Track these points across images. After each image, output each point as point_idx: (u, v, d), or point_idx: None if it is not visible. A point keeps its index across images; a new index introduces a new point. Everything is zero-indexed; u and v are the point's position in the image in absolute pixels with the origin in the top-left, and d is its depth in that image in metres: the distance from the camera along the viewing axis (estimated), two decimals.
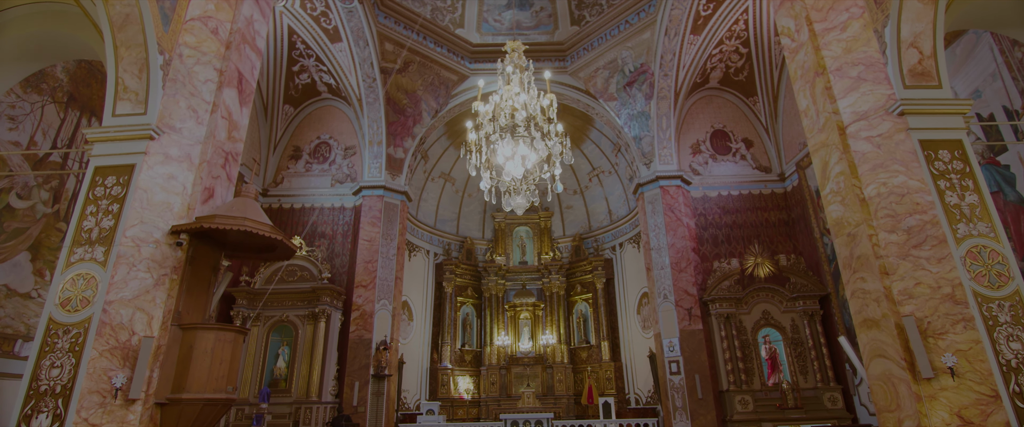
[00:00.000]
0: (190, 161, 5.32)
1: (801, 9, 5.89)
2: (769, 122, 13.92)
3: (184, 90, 5.48)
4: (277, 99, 14.20)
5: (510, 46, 5.18)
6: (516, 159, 4.58)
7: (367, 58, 13.28)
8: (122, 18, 5.15)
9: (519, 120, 4.48)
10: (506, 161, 4.62)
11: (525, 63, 5.12)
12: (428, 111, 14.70)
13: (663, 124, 13.61)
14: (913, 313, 4.52)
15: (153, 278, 4.78)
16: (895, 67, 5.09)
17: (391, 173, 13.86)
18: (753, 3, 12.35)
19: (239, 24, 6.05)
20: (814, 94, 5.67)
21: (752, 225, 13.14)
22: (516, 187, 4.73)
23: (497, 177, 4.88)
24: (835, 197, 5.36)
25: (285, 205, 13.69)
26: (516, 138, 4.52)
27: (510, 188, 4.79)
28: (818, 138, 5.65)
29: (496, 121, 4.67)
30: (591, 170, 17.55)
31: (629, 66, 13.98)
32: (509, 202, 4.89)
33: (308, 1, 12.21)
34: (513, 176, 4.67)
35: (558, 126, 4.84)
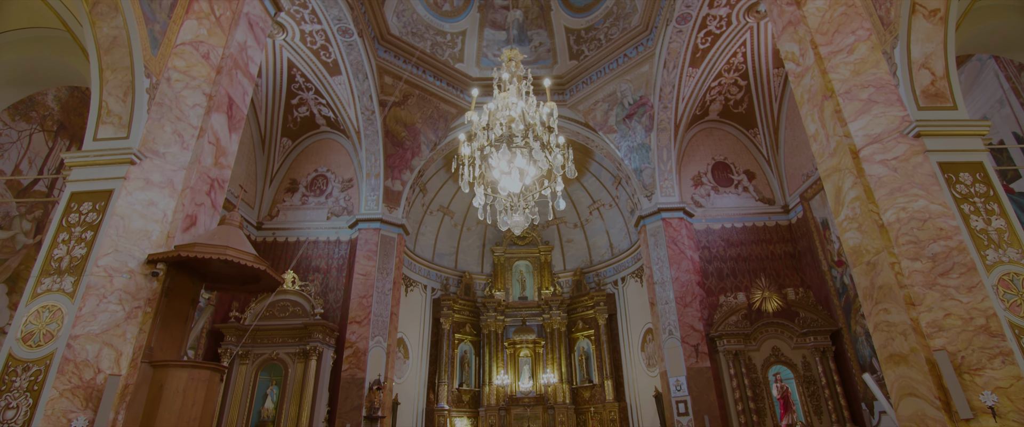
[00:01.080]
0: (173, 187, 5.07)
1: (805, 33, 5.77)
2: (770, 154, 13.79)
3: (170, 114, 5.28)
4: (275, 132, 14.12)
5: (507, 55, 4.98)
6: (513, 173, 4.31)
7: (366, 91, 13.26)
8: (109, 41, 5.00)
9: (516, 130, 4.24)
10: (502, 176, 4.36)
11: (523, 72, 4.92)
12: (427, 144, 14.59)
13: (664, 156, 13.48)
14: (945, 347, 4.18)
15: (125, 311, 4.45)
16: (907, 88, 4.92)
17: (388, 206, 13.63)
18: (750, 36, 12.41)
19: (232, 49, 5.92)
20: (823, 118, 5.48)
21: (758, 258, 12.81)
22: (513, 204, 4.42)
23: (492, 194, 4.59)
24: (851, 224, 5.08)
25: (279, 238, 13.39)
26: (513, 149, 4.26)
27: (507, 205, 4.49)
28: (829, 163, 5.43)
29: (491, 130, 4.42)
30: (591, 203, 17.34)
31: (628, 99, 13.97)
32: (506, 221, 4.57)
33: (308, 35, 12.26)
34: (510, 192, 4.38)
35: (560, 138, 4.57)
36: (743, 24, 12.02)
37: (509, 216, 4.48)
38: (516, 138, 4.28)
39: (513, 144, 4.32)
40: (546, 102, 4.58)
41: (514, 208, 4.45)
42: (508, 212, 4.49)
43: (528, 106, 4.53)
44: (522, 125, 4.30)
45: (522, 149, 4.35)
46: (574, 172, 4.43)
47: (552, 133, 4.47)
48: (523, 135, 4.29)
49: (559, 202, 4.41)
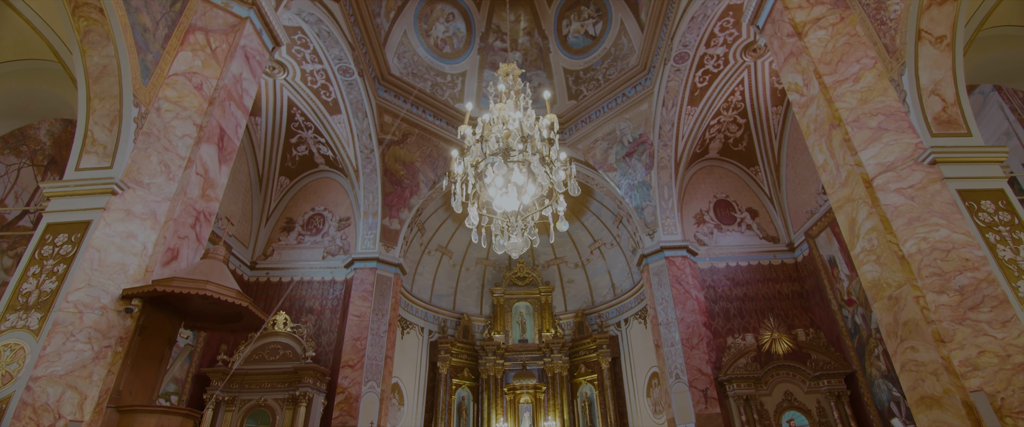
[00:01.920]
0: (155, 219, 4.84)
1: (808, 64, 5.69)
2: (772, 191, 13.64)
3: (157, 144, 5.12)
4: (273, 171, 14.03)
5: (504, 69, 4.82)
6: (511, 191, 4.05)
7: (365, 130, 13.24)
8: (99, 69, 4.89)
9: (513, 143, 4.01)
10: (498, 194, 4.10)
11: (521, 86, 4.75)
12: (425, 182, 14.47)
13: (665, 194, 13.32)
14: (982, 388, 3.83)
15: (93, 350, 4.12)
16: (918, 115, 4.77)
17: (385, 245, 13.36)
18: (748, 75, 12.49)
19: (226, 81, 5.83)
20: (831, 147, 5.31)
21: (764, 297, 12.44)
22: (511, 224, 4.14)
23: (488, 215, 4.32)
24: (868, 256, 4.82)
25: (273, 278, 13.05)
26: (509, 163, 4.03)
27: (503, 227, 4.21)
28: (841, 193, 5.22)
29: (485, 142, 4.19)
30: (592, 242, 17.07)
31: (628, 137, 13.95)
32: (502, 244, 4.28)
33: (309, 75, 12.34)
34: (506, 211, 4.11)
35: (561, 154, 4.33)
36: (740, 63, 12.12)
37: (506, 238, 4.19)
38: (513, 152, 4.05)
39: (510, 158, 4.09)
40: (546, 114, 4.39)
41: (511, 229, 4.16)
42: (505, 234, 4.20)
43: (526, 119, 4.32)
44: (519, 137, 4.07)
45: (520, 164, 4.12)
46: (577, 189, 4.18)
47: (553, 146, 4.24)
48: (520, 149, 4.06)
49: (561, 222, 4.14)
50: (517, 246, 4.16)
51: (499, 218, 4.22)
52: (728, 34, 11.46)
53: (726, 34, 11.49)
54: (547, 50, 16.17)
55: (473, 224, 4.20)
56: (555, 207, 4.20)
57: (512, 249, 4.16)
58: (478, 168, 4.25)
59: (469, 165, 4.14)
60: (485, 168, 4.30)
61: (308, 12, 10.10)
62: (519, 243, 4.17)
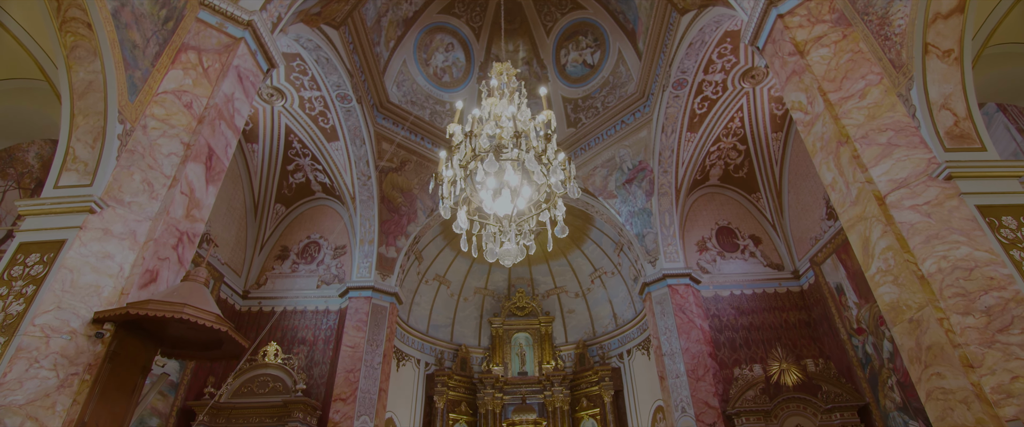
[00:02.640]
0: (134, 239, 4.61)
1: (811, 81, 5.57)
2: (775, 218, 13.45)
3: (142, 162, 4.93)
4: (269, 198, 13.86)
5: (499, 69, 4.64)
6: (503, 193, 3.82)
7: (363, 156, 13.14)
8: (84, 85, 4.76)
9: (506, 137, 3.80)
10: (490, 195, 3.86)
11: (516, 85, 4.56)
12: (423, 209, 14.28)
13: (666, 220, 13.12)
14: (1019, 416, 3.53)
15: (58, 378, 3.83)
16: (929, 130, 4.61)
17: (382, 273, 13.07)
18: (747, 101, 12.48)
19: (217, 100, 5.70)
20: (840, 165, 5.13)
21: (771, 327, 12.07)
22: (503, 229, 3.87)
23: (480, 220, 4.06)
24: (885, 277, 4.57)
25: (265, 308, 12.70)
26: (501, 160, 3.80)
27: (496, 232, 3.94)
28: (852, 212, 5.01)
29: (475, 138, 3.97)
30: (593, 271, 16.76)
31: (627, 164, 13.85)
32: (494, 251, 4.00)
33: (307, 101, 12.31)
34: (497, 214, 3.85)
35: (560, 154, 4.11)
36: (739, 89, 12.11)
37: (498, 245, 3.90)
38: (506, 148, 3.84)
39: (503, 155, 3.88)
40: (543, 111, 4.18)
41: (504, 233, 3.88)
42: (496, 240, 3.93)
43: (521, 114, 4.12)
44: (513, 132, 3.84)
45: (513, 161, 3.90)
46: (578, 192, 3.95)
47: (549, 142, 4.01)
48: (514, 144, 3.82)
49: (560, 228, 3.89)
50: (511, 253, 3.88)
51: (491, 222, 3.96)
52: (726, 60, 11.48)
53: (724, 61, 11.51)
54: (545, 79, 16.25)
55: (462, 228, 3.94)
56: (553, 213, 3.95)
57: (505, 257, 3.89)
58: (468, 168, 4.02)
59: (457, 166, 3.92)
60: (475, 168, 4.06)
61: (306, 38, 10.11)
62: (513, 250, 3.88)
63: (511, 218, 3.79)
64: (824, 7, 5.85)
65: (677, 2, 10.61)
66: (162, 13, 5.43)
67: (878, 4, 5.05)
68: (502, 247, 3.74)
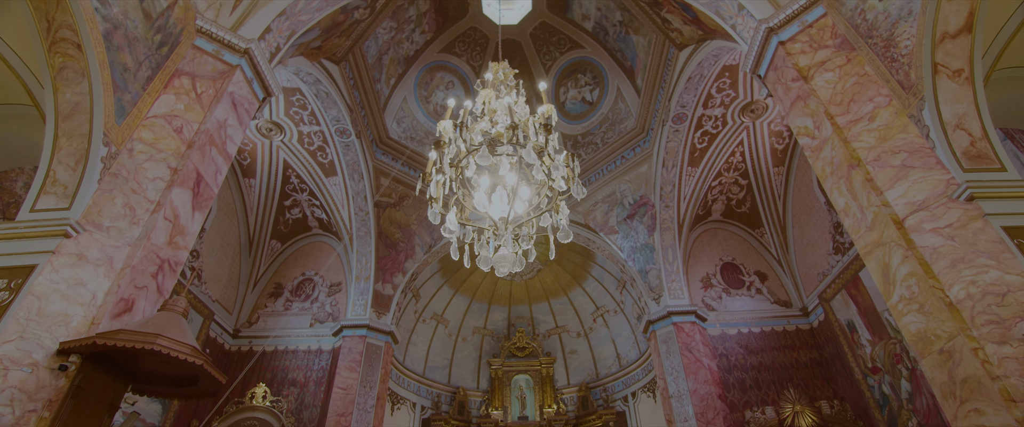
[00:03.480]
0: (110, 265, 4.34)
1: (817, 106, 5.45)
2: (780, 254, 13.17)
3: (125, 186, 4.73)
4: (265, 234, 13.62)
5: (495, 67, 4.42)
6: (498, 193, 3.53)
7: (361, 191, 12.99)
8: (70, 107, 4.61)
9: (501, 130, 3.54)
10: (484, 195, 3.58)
11: (513, 83, 4.34)
12: (421, 246, 14.02)
13: (669, 256, 12.83)
14: None
15: (14, 415, 3.49)
16: (945, 150, 4.44)
17: (377, 311, 12.67)
18: (747, 136, 12.43)
19: (209, 125, 5.55)
20: (853, 189, 4.93)
21: (782, 367, 11.58)
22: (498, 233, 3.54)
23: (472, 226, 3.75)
24: (909, 305, 4.28)
25: (256, 348, 12.24)
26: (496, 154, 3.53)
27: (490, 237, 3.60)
28: (868, 237, 4.77)
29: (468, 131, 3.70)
30: (595, 310, 16.33)
31: (629, 199, 13.68)
32: (488, 259, 3.65)
33: (306, 136, 12.27)
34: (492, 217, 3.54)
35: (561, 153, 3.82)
36: (739, 124, 12.08)
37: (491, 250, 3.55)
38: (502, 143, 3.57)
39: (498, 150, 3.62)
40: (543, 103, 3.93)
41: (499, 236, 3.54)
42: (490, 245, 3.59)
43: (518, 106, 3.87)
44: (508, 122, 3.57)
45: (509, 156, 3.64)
46: (582, 192, 3.67)
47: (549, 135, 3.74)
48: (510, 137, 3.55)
49: (563, 233, 3.59)
50: (506, 260, 3.54)
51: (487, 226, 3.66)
52: (725, 95, 11.49)
53: (723, 95, 11.52)
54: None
55: (451, 231, 3.64)
56: (555, 219, 3.65)
57: (500, 263, 3.56)
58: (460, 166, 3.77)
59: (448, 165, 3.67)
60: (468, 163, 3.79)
61: (306, 72, 10.14)
62: (509, 256, 3.54)
63: (507, 221, 3.51)
64: (826, 33, 5.80)
65: (675, 38, 10.71)
66: (157, 38, 5.37)
67: (882, 27, 4.98)
68: (497, 253, 3.44)
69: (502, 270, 3.51)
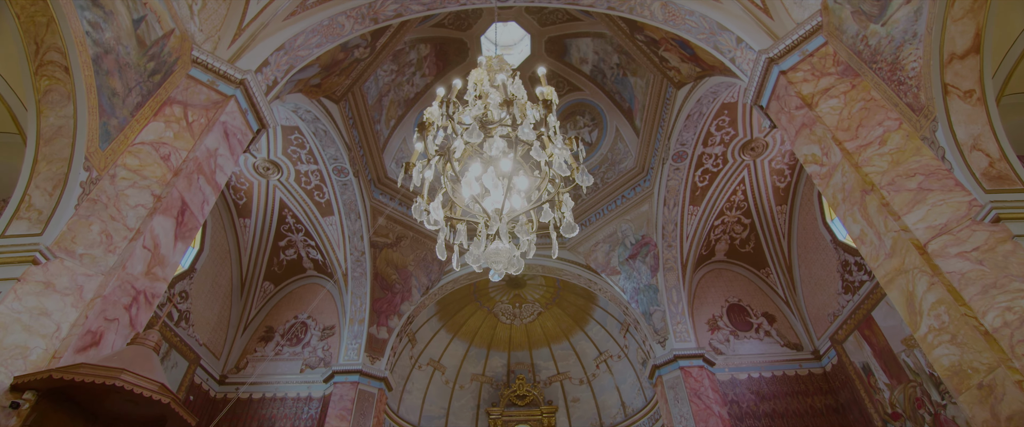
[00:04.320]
0: (79, 295, 4.05)
1: (824, 132, 5.31)
2: (788, 295, 12.78)
3: (103, 212, 4.50)
4: (258, 276, 13.27)
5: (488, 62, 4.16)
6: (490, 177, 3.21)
7: (358, 231, 12.75)
8: (53, 130, 4.45)
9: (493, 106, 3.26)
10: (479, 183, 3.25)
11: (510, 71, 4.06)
12: (418, 288, 13.64)
13: (673, 297, 12.45)
14: None
15: None
16: (964, 172, 4.24)
17: (371, 356, 12.15)
18: (748, 174, 12.32)
19: (198, 153, 5.39)
20: (868, 215, 4.70)
21: (796, 413, 10.99)
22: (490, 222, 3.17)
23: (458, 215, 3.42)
24: (940, 336, 3.97)
25: (243, 395, 11.65)
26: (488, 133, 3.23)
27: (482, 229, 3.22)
28: (889, 265, 4.49)
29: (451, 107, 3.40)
30: (598, 355, 15.75)
31: (630, 239, 13.43)
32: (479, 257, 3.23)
33: (303, 175, 12.15)
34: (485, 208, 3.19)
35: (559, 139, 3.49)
36: (739, 162, 12.00)
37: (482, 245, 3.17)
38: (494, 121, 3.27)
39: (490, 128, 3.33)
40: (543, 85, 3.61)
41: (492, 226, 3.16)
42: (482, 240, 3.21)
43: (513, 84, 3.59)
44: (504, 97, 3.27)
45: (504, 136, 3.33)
46: (590, 179, 3.36)
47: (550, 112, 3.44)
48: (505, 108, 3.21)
49: (567, 224, 3.24)
50: (501, 255, 3.15)
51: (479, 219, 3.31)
52: (724, 133, 11.46)
53: (722, 133, 11.49)
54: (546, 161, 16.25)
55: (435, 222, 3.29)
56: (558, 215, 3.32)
57: (494, 259, 3.18)
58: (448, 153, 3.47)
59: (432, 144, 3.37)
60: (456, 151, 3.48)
61: (305, 110, 10.12)
62: (504, 250, 3.16)
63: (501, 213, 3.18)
64: (827, 61, 5.74)
65: (673, 76, 10.77)
66: (150, 65, 5.29)
67: (886, 51, 4.91)
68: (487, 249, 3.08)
69: (497, 270, 3.19)
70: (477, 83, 3.72)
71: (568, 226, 3.36)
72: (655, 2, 8.37)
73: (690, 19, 8.04)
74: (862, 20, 5.19)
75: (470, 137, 3.21)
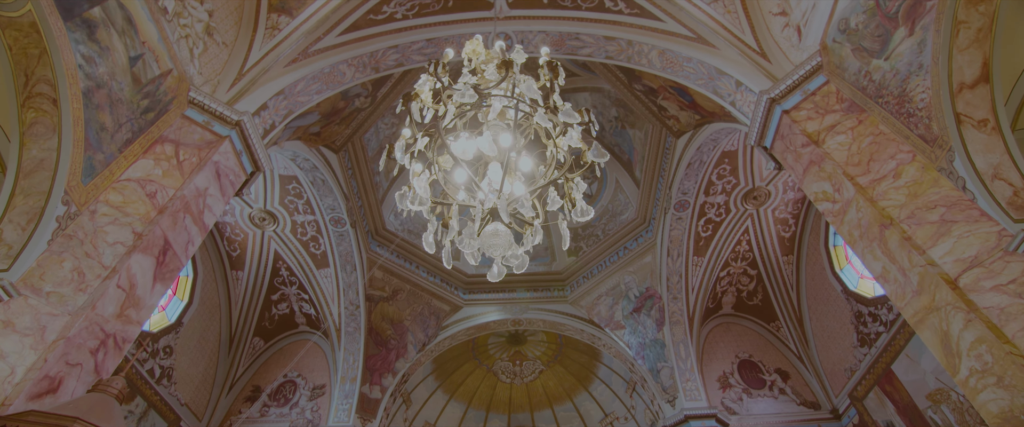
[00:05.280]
0: (41, 336, 3.71)
1: (834, 168, 5.15)
2: (800, 349, 12.23)
3: (78, 249, 4.24)
4: (247, 331, 12.76)
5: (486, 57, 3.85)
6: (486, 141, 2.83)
7: (353, 284, 12.38)
8: (34, 163, 4.27)
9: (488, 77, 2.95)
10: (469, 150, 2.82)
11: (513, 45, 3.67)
12: (414, 344, 13.09)
13: (682, 353, 11.90)
14: None
15: None
16: (988, 201, 4.03)
17: (363, 417, 11.45)
18: (752, 224, 12.12)
19: (186, 192, 5.19)
20: (889, 251, 4.44)
21: None
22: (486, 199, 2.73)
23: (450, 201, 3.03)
24: (985, 379, 3.60)
25: None
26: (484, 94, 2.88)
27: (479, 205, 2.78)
28: (917, 303, 4.18)
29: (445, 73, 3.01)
30: (603, 417, 14.89)
31: (634, 291, 13.04)
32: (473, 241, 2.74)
33: (300, 226, 11.93)
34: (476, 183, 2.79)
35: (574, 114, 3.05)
36: (743, 211, 11.83)
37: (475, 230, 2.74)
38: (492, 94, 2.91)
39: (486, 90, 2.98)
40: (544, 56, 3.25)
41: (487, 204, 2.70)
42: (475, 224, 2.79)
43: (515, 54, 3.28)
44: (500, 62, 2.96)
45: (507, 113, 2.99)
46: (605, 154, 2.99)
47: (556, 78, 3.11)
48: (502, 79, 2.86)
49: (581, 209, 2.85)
50: (500, 238, 2.75)
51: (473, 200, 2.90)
52: (726, 181, 11.36)
53: (724, 182, 11.39)
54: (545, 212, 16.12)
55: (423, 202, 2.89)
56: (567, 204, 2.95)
57: (491, 244, 2.78)
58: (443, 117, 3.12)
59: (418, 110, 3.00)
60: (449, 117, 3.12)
61: (303, 158, 10.05)
62: (502, 231, 2.77)
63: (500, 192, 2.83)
64: (831, 99, 5.68)
65: (672, 125, 10.81)
66: (144, 103, 5.20)
67: (891, 85, 4.84)
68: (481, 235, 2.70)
69: (495, 253, 2.83)
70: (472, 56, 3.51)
71: (581, 210, 3.05)
72: (652, 50, 8.48)
73: (688, 65, 8.13)
74: (863, 56, 5.16)
75: (462, 98, 2.97)
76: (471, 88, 3.00)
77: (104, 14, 4.64)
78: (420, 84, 3.34)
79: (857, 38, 5.21)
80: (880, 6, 4.79)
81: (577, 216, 3.02)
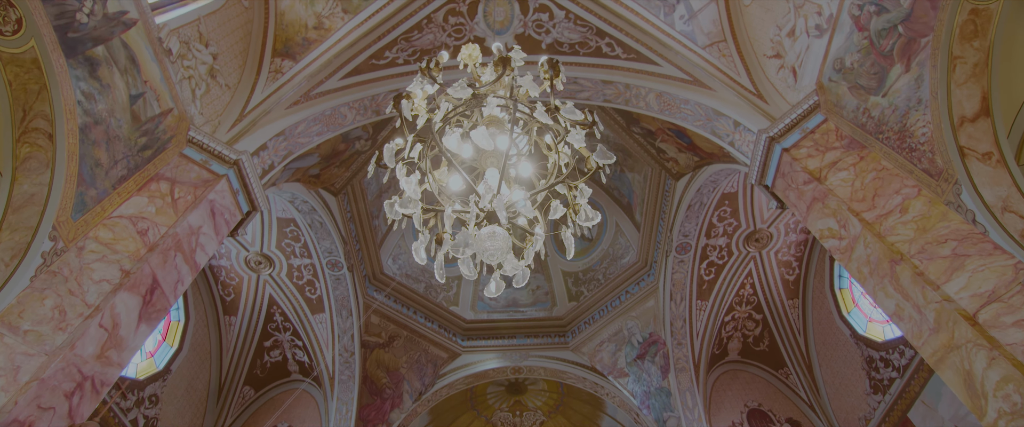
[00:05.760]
0: (13, 377, 3.51)
1: (838, 204, 5.07)
2: (811, 397, 11.78)
3: (62, 286, 4.09)
4: (238, 379, 12.32)
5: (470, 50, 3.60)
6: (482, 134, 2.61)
7: (348, 330, 12.07)
8: (24, 198, 4.19)
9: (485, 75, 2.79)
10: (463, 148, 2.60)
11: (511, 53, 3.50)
12: (410, 393, 12.64)
13: (689, 402, 11.46)
14: None
15: None
16: (1000, 234, 3.92)
17: None
18: (755, 267, 11.95)
19: (179, 229, 5.08)
20: (902, 288, 4.29)
21: None
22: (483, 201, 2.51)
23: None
24: (1015, 422, 3.37)
25: None
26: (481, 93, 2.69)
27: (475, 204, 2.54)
28: (936, 342, 4.00)
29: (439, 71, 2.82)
30: None
31: (637, 337, 12.71)
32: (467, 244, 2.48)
33: (296, 270, 11.75)
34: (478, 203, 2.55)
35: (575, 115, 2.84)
36: (745, 254, 11.69)
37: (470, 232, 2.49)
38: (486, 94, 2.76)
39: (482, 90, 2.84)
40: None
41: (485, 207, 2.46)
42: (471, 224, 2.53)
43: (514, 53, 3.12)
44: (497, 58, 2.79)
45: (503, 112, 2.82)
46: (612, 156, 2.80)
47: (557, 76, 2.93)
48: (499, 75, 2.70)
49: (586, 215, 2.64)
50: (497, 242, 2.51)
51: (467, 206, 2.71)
52: (727, 224, 11.29)
53: (725, 224, 11.32)
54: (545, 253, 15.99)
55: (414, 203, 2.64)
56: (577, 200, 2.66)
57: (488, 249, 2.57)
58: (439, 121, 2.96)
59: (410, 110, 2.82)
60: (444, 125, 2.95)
61: (302, 200, 10.01)
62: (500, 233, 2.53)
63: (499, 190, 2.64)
64: (830, 136, 5.69)
65: (671, 167, 10.84)
66: (141, 140, 5.18)
67: (891, 120, 4.84)
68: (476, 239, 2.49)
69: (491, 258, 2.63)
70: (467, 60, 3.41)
71: (585, 215, 2.89)
72: (650, 93, 8.61)
73: (685, 107, 8.22)
74: (861, 94, 5.19)
75: (456, 93, 2.86)
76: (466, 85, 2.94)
77: (107, 53, 4.69)
78: (413, 86, 3.29)
79: (853, 76, 5.26)
80: (875, 45, 4.86)
81: (582, 221, 2.89)
